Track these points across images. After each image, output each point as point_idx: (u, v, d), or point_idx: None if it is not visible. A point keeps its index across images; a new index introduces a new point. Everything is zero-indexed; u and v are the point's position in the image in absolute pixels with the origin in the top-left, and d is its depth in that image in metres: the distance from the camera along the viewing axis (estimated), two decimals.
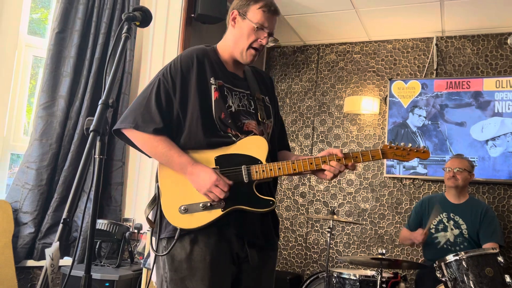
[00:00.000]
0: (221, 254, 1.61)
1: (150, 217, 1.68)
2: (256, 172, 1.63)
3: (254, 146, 1.67)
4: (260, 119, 1.75)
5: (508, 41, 4.12)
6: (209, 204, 1.60)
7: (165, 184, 1.66)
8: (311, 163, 1.66)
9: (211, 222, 1.59)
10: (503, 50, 4.21)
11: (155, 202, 1.67)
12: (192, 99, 1.66)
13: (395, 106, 4.36)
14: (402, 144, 1.72)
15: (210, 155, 1.65)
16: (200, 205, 1.60)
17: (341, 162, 1.66)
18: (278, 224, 1.82)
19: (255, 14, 1.71)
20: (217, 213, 1.60)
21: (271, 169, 1.64)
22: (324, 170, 1.66)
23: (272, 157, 1.78)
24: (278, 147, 1.89)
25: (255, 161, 1.65)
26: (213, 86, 1.68)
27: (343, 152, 1.67)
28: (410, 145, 1.73)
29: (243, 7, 1.74)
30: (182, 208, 1.61)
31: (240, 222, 1.64)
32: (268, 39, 1.74)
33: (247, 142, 1.68)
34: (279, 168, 1.64)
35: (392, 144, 1.71)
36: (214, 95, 1.67)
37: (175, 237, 1.59)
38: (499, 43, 4.23)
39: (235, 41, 1.75)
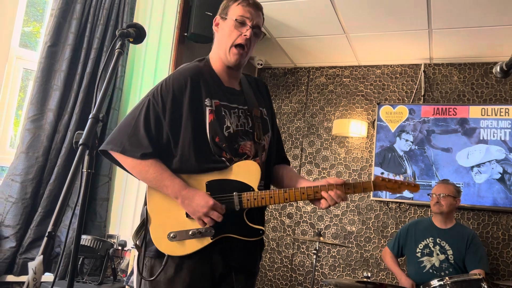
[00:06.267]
0: (201, 278, 1.58)
1: (139, 243, 1.63)
2: (248, 200, 1.60)
3: (247, 171, 1.63)
4: (256, 139, 1.70)
5: (494, 70, 4.22)
6: (198, 232, 1.56)
7: (154, 209, 1.62)
8: (303, 193, 1.63)
9: (200, 249, 1.57)
10: (489, 79, 4.30)
11: (143, 227, 1.62)
12: (185, 122, 1.60)
13: (383, 130, 4.40)
14: (393, 176, 1.73)
15: (201, 180, 1.61)
16: (190, 232, 1.57)
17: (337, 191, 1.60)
18: (263, 248, 1.81)
19: (234, 10, 1.70)
20: (206, 240, 1.57)
21: (263, 198, 1.60)
22: (319, 199, 1.63)
23: (267, 173, 1.76)
24: (276, 160, 1.86)
25: (247, 187, 1.61)
26: (208, 108, 1.62)
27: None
28: (402, 177, 1.74)
29: (223, 10, 1.74)
30: (172, 235, 1.57)
31: (226, 247, 1.61)
32: (253, 31, 1.68)
33: (240, 167, 1.63)
34: (271, 197, 1.61)
35: (384, 177, 1.71)
36: (209, 117, 1.62)
37: (163, 264, 1.56)
38: (485, 72, 4.33)
39: (220, 43, 1.72)
